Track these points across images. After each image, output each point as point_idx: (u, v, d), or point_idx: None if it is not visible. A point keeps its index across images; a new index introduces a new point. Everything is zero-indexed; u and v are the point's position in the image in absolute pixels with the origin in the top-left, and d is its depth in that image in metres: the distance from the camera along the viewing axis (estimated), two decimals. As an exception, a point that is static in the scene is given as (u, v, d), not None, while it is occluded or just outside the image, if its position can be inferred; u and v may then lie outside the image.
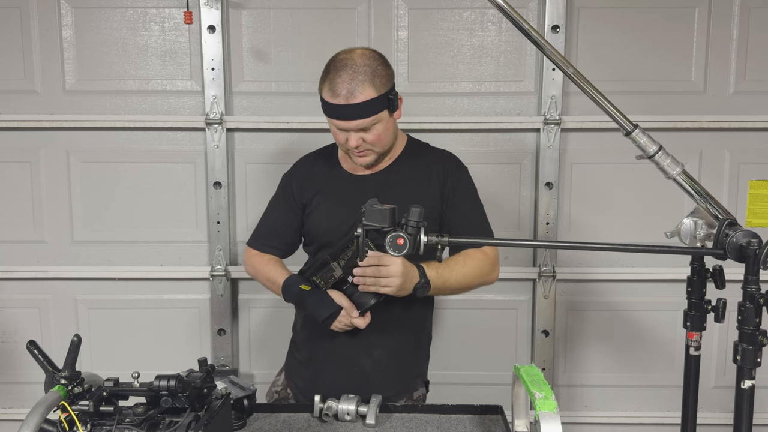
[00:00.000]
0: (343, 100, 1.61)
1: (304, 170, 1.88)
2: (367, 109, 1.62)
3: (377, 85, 1.62)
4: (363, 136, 1.66)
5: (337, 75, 1.62)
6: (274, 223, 1.90)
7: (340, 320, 1.68)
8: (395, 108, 1.70)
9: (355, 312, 1.67)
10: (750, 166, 2.55)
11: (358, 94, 1.60)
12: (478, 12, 2.50)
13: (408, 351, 1.86)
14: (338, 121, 1.65)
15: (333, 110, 1.64)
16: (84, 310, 2.68)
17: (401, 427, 1.59)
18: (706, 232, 1.43)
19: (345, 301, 1.68)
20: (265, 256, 1.89)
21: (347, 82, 1.60)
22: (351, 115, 1.62)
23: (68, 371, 1.26)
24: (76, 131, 2.57)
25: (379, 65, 1.65)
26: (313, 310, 1.69)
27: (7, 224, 2.63)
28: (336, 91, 1.61)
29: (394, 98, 1.68)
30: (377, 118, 1.64)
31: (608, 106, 1.46)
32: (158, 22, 2.53)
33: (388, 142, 1.73)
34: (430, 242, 1.36)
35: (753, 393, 1.27)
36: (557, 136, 2.51)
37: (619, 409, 2.71)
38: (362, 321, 1.69)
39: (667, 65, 2.51)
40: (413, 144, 1.87)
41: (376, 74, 1.63)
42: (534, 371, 1.34)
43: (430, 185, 1.78)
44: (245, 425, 1.57)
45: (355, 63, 1.62)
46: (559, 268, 2.60)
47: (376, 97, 1.62)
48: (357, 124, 1.63)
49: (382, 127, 1.67)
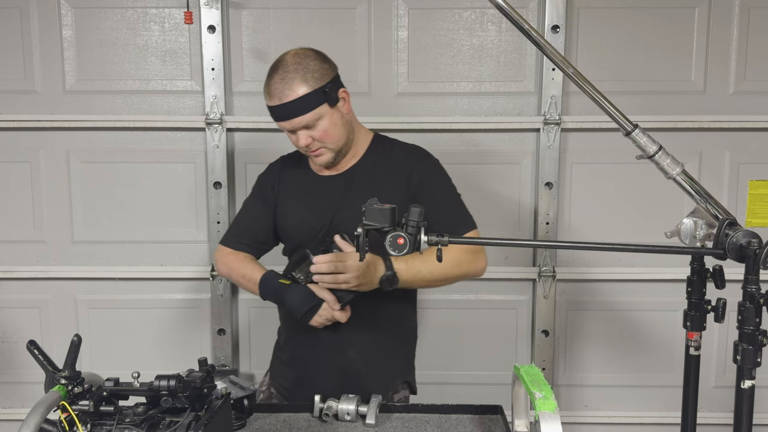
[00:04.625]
0: (278, 100, 1.64)
1: (276, 171, 1.90)
2: (302, 106, 1.63)
3: (309, 80, 1.63)
4: (310, 133, 1.67)
5: (270, 78, 1.67)
6: (248, 221, 1.90)
7: (321, 314, 1.66)
8: (335, 101, 1.68)
9: (336, 305, 1.65)
10: (750, 166, 2.55)
11: (289, 92, 1.62)
12: (478, 12, 2.50)
13: (384, 350, 1.83)
14: (281, 123, 1.68)
15: (274, 112, 1.68)
16: (84, 310, 2.68)
17: (401, 427, 1.59)
18: (706, 232, 1.43)
19: (327, 294, 1.66)
20: (240, 254, 1.86)
21: (279, 82, 1.64)
22: (288, 114, 1.64)
23: (68, 371, 1.26)
24: (76, 131, 2.57)
25: (311, 61, 1.66)
26: (293, 305, 1.68)
27: (7, 224, 2.63)
28: (271, 92, 1.65)
29: (330, 92, 1.66)
30: (317, 113, 1.65)
31: (608, 106, 1.46)
32: (158, 22, 2.53)
33: (340, 138, 1.72)
34: (430, 242, 1.36)
35: (753, 393, 1.27)
36: (557, 136, 2.51)
37: (619, 409, 2.71)
38: (343, 315, 1.68)
39: (667, 65, 2.51)
40: (378, 141, 1.84)
41: (307, 70, 1.64)
42: (534, 371, 1.34)
43: (395, 182, 1.76)
44: (245, 425, 1.57)
45: (286, 63, 1.65)
46: (559, 268, 2.60)
47: (309, 93, 1.63)
48: (297, 122, 1.65)
49: (327, 123, 1.67)
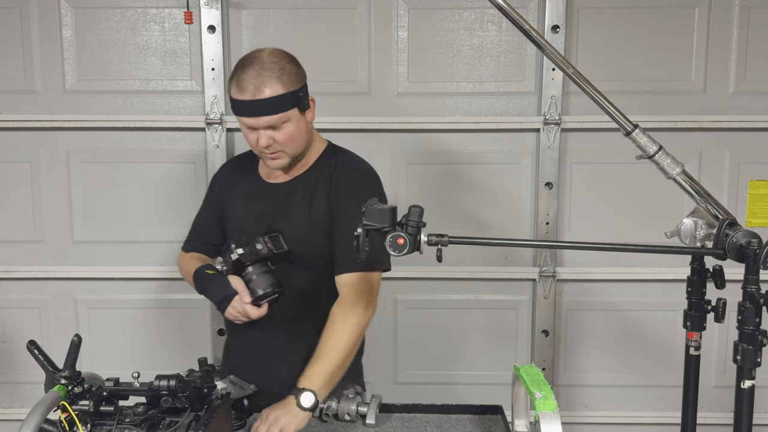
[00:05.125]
0: (250, 95, 1.58)
1: (226, 174, 1.90)
2: (275, 105, 1.59)
3: (285, 81, 1.60)
4: (273, 135, 1.63)
5: (243, 72, 1.60)
6: (198, 224, 1.94)
7: (234, 305, 1.62)
8: (306, 107, 1.67)
9: (247, 297, 1.61)
10: (750, 166, 2.55)
11: (264, 89, 1.58)
12: (478, 12, 2.50)
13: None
14: (247, 119, 1.62)
15: (241, 107, 1.61)
16: (84, 310, 2.68)
17: (401, 427, 1.59)
18: (706, 232, 1.43)
19: (240, 287, 1.62)
20: (188, 255, 1.89)
21: (254, 77, 1.59)
22: (259, 111, 1.59)
23: (68, 371, 1.26)
24: (76, 131, 2.57)
25: (287, 63, 1.64)
26: (212, 294, 1.67)
27: (7, 224, 2.63)
28: (242, 86, 1.59)
29: (303, 96, 1.65)
30: (286, 116, 1.62)
31: (608, 106, 1.46)
32: (158, 22, 2.53)
33: (301, 144, 1.69)
34: (430, 242, 1.36)
35: (753, 393, 1.27)
36: (557, 136, 2.51)
37: (619, 409, 2.71)
38: (254, 310, 1.62)
39: (667, 65, 2.51)
40: (329, 152, 1.80)
41: (284, 71, 1.61)
42: (534, 371, 1.34)
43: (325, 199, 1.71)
44: (245, 425, 1.57)
45: (263, 60, 1.61)
46: (559, 268, 2.60)
47: (284, 94, 1.60)
48: (266, 121, 1.60)
49: (293, 127, 1.64)
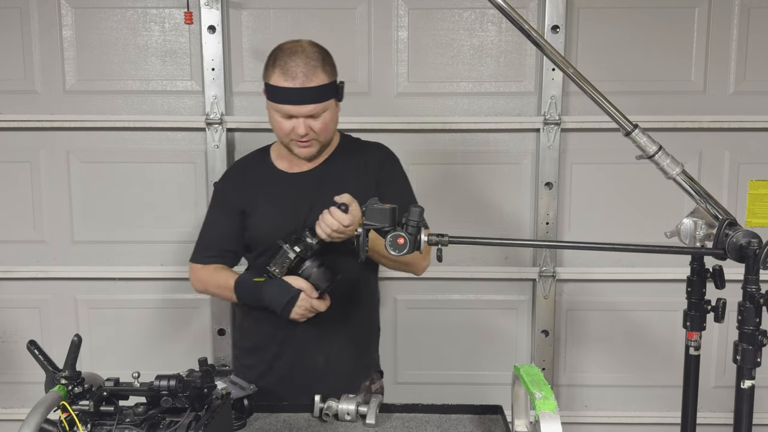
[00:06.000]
0: (300, 83, 1.61)
1: (238, 176, 1.87)
2: (321, 94, 1.64)
3: (328, 72, 1.66)
4: (311, 123, 1.66)
5: (291, 59, 1.63)
6: (213, 233, 1.86)
7: (300, 305, 1.64)
8: (341, 97, 1.71)
9: (314, 293, 1.64)
10: (750, 166, 2.55)
11: (313, 77, 1.62)
12: (478, 12, 2.50)
13: (359, 343, 1.87)
14: (290, 107, 1.64)
15: (286, 95, 1.63)
16: (84, 310, 2.68)
17: (401, 427, 1.59)
18: (706, 232, 1.43)
19: (303, 283, 1.64)
20: (210, 267, 1.83)
21: (302, 66, 1.62)
22: (306, 99, 1.62)
23: (68, 371, 1.26)
24: (76, 131, 2.57)
25: (326, 55, 1.69)
26: (272, 300, 1.66)
27: (7, 224, 2.63)
28: (292, 74, 1.62)
29: (340, 87, 1.70)
30: (327, 105, 1.66)
31: (608, 106, 1.46)
32: (158, 22, 2.53)
33: (332, 133, 1.75)
34: (430, 242, 1.36)
35: (753, 393, 1.27)
36: (557, 136, 2.51)
37: (619, 409, 2.71)
38: (322, 303, 1.67)
39: (667, 65, 2.51)
40: (346, 139, 1.88)
41: (326, 62, 1.66)
42: (534, 371, 1.34)
43: (366, 176, 1.79)
44: (245, 425, 1.57)
45: (306, 50, 1.65)
46: (559, 268, 2.60)
47: (328, 83, 1.65)
48: (310, 109, 1.64)
49: (329, 116, 1.69)
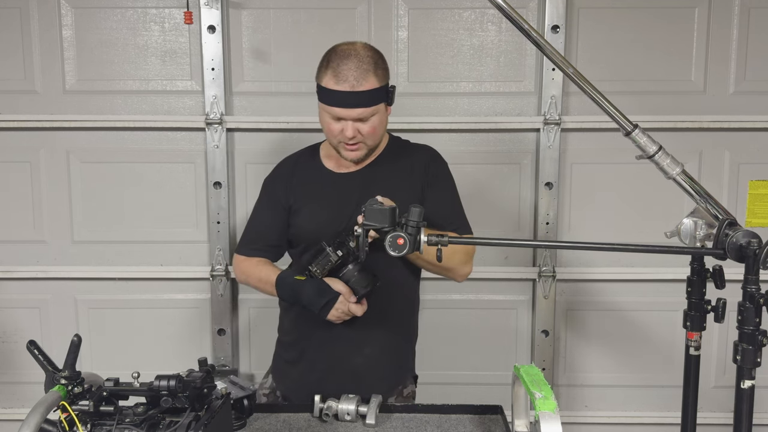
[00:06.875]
0: (350, 87, 1.62)
1: (287, 172, 1.88)
2: (371, 98, 1.64)
3: (379, 76, 1.66)
4: (359, 127, 1.67)
5: (342, 62, 1.63)
6: (259, 226, 1.89)
7: (337, 308, 1.65)
8: (392, 102, 1.72)
9: (352, 297, 1.65)
10: (750, 166, 2.55)
11: (364, 81, 1.62)
12: (478, 12, 2.50)
13: (397, 347, 1.87)
14: (340, 110, 1.65)
15: (336, 97, 1.64)
16: (84, 310, 2.68)
17: (401, 427, 1.59)
18: (706, 232, 1.43)
19: (342, 287, 1.65)
20: (254, 260, 1.86)
21: (353, 69, 1.62)
22: (355, 102, 1.63)
23: (68, 371, 1.26)
24: (76, 131, 2.57)
25: (379, 58, 1.69)
26: (310, 300, 1.67)
27: (7, 224, 2.63)
28: (343, 77, 1.62)
29: (391, 92, 1.71)
30: (377, 109, 1.67)
31: (608, 106, 1.46)
32: (158, 22, 2.53)
33: (380, 137, 1.75)
34: (430, 242, 1.36)
35: (753, 393, 1.27)
36: (557, 136, 2.51)
37: (619, 409, 2.71)
38: (359, 308, 1.68)
39: (667, 65, 2.51)
40: (395, 141, 1.89)
41: (378, 66, 1.67)
42: (534, 371, 1.34)
43: (413, 179, 1.79)
44: (245, 425, 1.57)
45: (359, 53, 1.65)
46: (559, 268, 2.60)
47: (379, 87, 1.65)
48: (359, 113, 1.64)
49: (378, 120, 1.69)
